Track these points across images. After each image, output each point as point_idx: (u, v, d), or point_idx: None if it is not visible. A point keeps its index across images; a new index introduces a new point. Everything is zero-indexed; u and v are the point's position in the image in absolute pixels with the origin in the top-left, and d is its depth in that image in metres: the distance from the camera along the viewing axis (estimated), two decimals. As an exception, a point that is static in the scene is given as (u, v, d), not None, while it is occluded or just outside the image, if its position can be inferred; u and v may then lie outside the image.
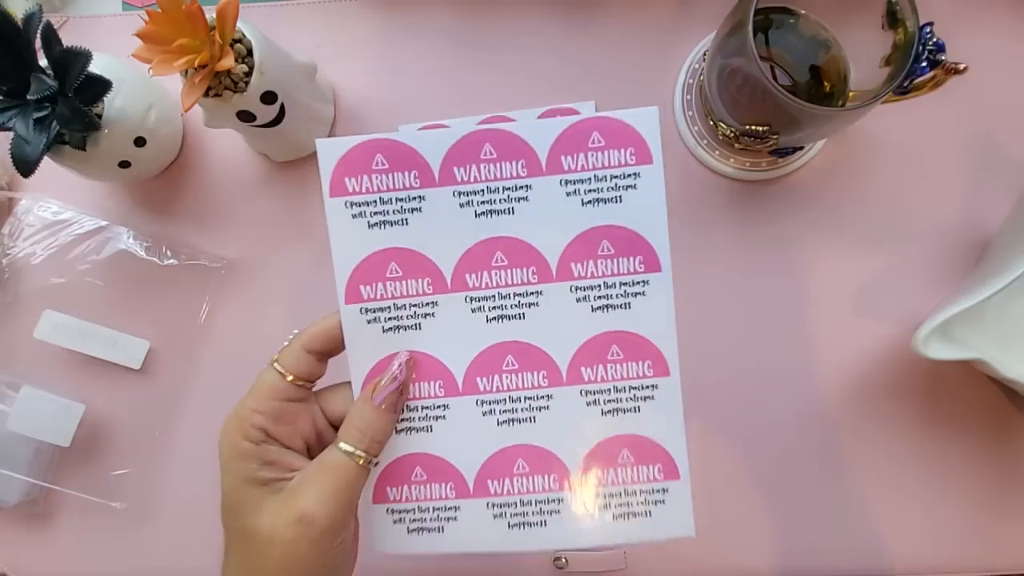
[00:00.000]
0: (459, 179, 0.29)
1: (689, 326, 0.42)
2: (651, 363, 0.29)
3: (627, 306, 0.29)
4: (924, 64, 0.33)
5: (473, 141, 0.28)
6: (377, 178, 0.29)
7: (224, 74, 0.36)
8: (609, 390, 0.29)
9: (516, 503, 0.29)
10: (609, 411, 0.29)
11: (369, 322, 0.29)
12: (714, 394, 0.43)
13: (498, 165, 0.28)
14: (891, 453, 0.42)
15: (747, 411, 0.43)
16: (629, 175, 0.28)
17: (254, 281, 0.46)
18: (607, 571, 0.43)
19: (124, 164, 0.42)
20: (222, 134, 0.46)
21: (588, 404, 0.29)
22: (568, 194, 0.28)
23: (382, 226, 0.29)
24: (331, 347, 0.29)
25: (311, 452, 0.29)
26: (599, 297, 0.29)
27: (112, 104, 0.39)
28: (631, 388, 0.29)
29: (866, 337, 0.42)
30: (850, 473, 0.42)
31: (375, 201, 0.29)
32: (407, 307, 0.29)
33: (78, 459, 0.45)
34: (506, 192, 0.29)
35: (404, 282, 0.29)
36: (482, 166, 0.28)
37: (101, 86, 0.37)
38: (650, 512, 0.29)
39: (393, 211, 0.29)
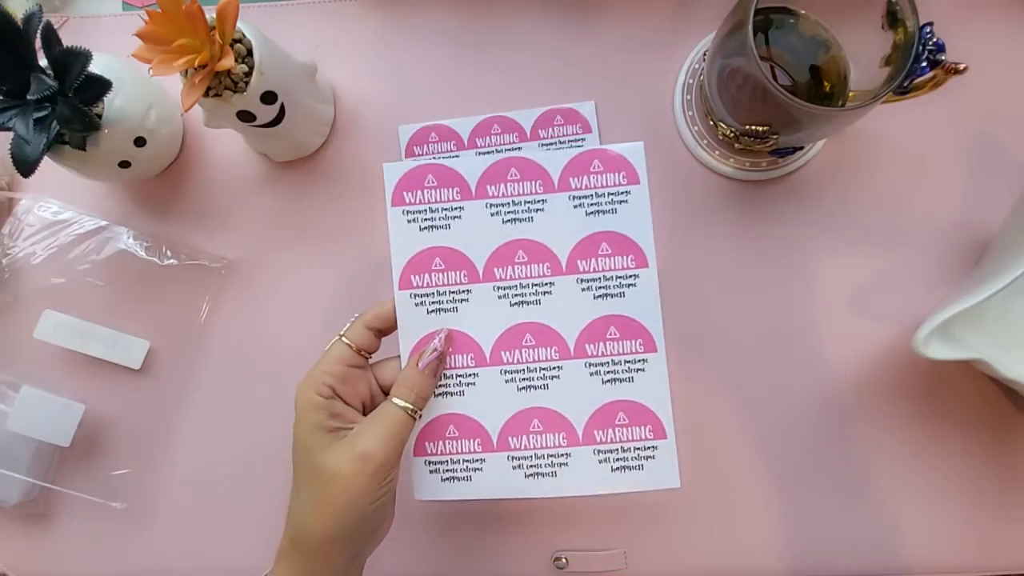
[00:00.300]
0: (491, 194, 0.36)
1: (688, 325, 0.43)
2: (642, 341, 0.35)
3: (622, 295, 0.35)
4: (924, 64, 0.33)
5: (502, 166, 0.36)
6: (428, 192, 0.36)
7: (224, 74, 0.36)
8: (608, 363, 0.35)
9: (531, 456, 0.35)
10: (608, 380, 0.35)
11: (417, 305, 0.35)
12: (713, 394, 0.43)
13: (521, 184, 0.35)
14: (891, 453, 0.42)
15: (746, 411, 0.43)
16: (622, 192, 0.35)
17: (254, 281, 0.46)
18: (607, 571, 0.43)
19: (124, 164, 0.42)
20: (222, 134, 0.46)
21: (591, 374, 0.35)
22: (575, 206, 0.35)
23: (430, 229, 0.36)
24: (386, 326, 0.35)
25: (366, 411, 0.34)
26: (599, 287, 0.35)
27: (112, 104, 0.39)
28: (626, 361, 0.35)
29: (866, 337, 0.42)
30: (850, 473, 0.42)
31: (426, 210, 0.36)
32: (447, 293, 0.35)
33: (78, 459, 0.45)
34: (527, 204, 0.35)
35: (445, 273, 0.35)
36: (509, 184, 0.36)
37: (101, 86, 0.37)
38: (642, 466, 0.35)
39: (439, 218, 0.36)
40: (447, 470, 0.35)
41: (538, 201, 0.35)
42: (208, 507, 0.45)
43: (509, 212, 0.35)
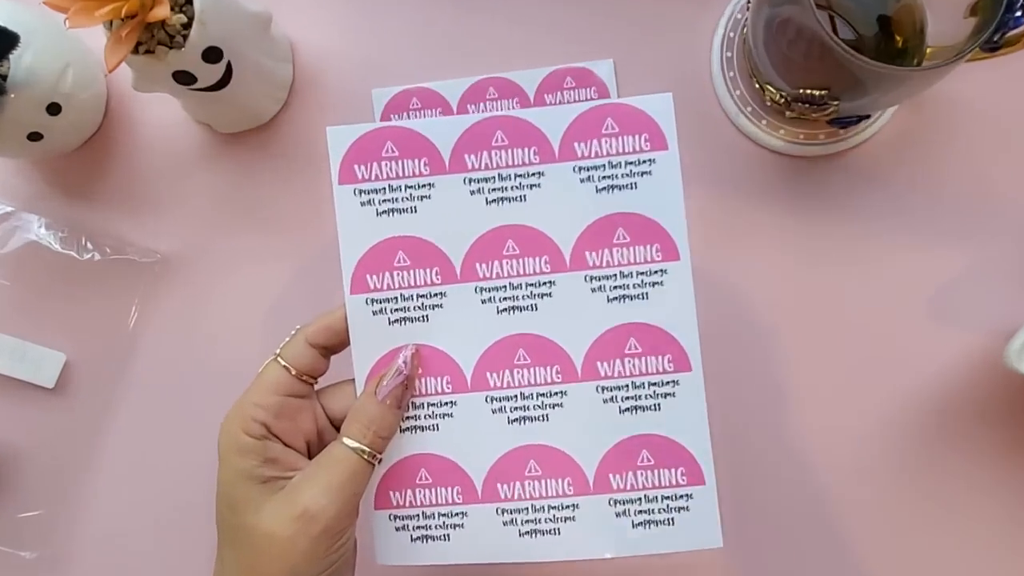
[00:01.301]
0: (470, 166, 0.33)
1: (728, 327, 0.43)
2: (671, 357, 0.33)
3: (644, 296, 0.33)
4: (1019, 14, 0.32)
5: (484, 128, 0.33)
6: (387, 165, 0.33)
7: (157, 26, 0.36)
8: (627, 386, 0.33)
9: (528, 509, 0.33)
10: (628, 409, 0.33)
11: (375, 313, 0.33)
12: (755, 407, 0.43)
13: (510, 151, 0.33)
14: (976, 486, 0.42)
15: (796, 428, 0.43)
16: (644, 161, 0.32)
17: (193, 279, 0.46)
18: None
19: (34, 136, 0.42)
20: (154, 99, 0.46)
21: (605, 401, 0.33)
22: (582, 180, 0.33)
23: (390, 214, 0.33)
24: (335, 341, 0.33)
25: (311, 452, 0.33)
26: (615, 287, 0.33)
27: (20, 63, 0.39)
28: (650, 384, 0.33)
29: (946, 348, 0.43)
30: (923, 508, 0.42)
31: (384, 188, 0.33)
32: (414, 298, 0.33)
33: (-22, 498, 0.45)
34: (518, 179, 0.33)
35: (412, 272, 0.33)
36: (493, 152, 0.33)
37: (6, 41, 0.37)
38: (673, 520, 0.33)
39: (402, 198, 0.33)
40: (418, 527, 0.33)
41: (533, 174, 0.33)
42: (134, 555, 0.45)
43: (494, 189, 0.33)
